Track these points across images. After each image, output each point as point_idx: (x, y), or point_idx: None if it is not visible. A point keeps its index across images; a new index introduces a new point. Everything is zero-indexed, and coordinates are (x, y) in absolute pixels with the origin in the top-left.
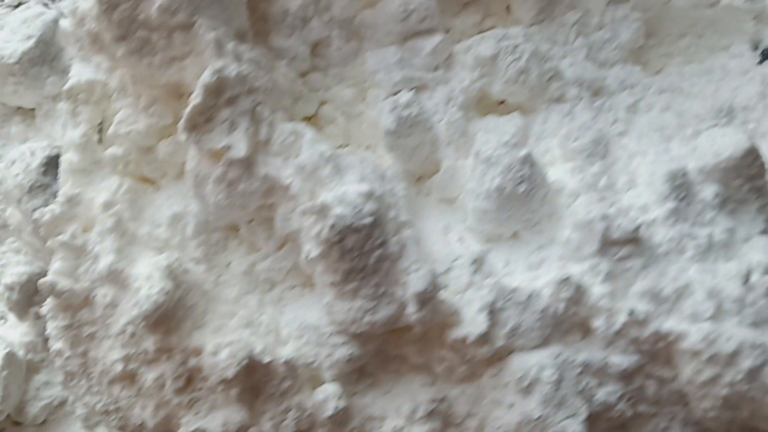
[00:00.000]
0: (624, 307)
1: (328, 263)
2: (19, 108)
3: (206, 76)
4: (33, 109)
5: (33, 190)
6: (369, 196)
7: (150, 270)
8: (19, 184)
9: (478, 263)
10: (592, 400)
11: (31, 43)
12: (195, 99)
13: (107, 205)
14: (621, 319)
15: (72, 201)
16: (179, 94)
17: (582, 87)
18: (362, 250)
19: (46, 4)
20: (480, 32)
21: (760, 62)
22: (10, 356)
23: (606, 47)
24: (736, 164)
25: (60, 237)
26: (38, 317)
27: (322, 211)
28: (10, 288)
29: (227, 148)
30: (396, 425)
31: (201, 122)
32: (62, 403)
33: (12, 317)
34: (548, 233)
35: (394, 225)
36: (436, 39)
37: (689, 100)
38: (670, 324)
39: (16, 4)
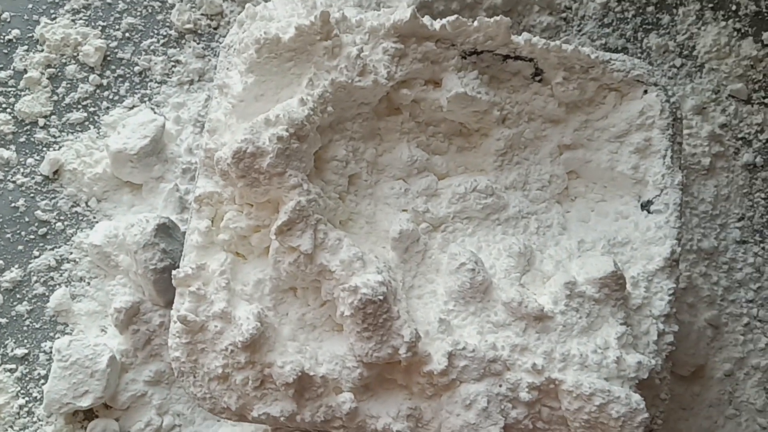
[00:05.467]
0: (529, 361)
1: (354, 320)
2: (128, 182)
3: (290, 205)
4: (139, 185)
5: (146, 246)
6: (382, 282)
7: (246, 313)
8: (137, 241)
9: (444, 325)
10: (507, 416)
11: (146, 141)
12: (283, 217)
13: (221, 273)
14: (528, 367)
15: (198, 267)
16: (267, 207)
17: (520, 214)
18: (375, 315)
19: (153, 109)
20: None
21: (643, 209)
22: (112, 358)
23: (540, 192)
24: (605, 280)
25: (190, 288)
26: (134, 333)
27: (355, 290)
28: (118, 311)
29: (300, 245)
30: (386, 422)
31: (285, 230)
32: (142, 395)
33: (111, 330)
34: (488, 310)
35: (395, 300)
36: (429, 178)
37: (589, 231)
38: (556, 374)
39: (131, 106)
